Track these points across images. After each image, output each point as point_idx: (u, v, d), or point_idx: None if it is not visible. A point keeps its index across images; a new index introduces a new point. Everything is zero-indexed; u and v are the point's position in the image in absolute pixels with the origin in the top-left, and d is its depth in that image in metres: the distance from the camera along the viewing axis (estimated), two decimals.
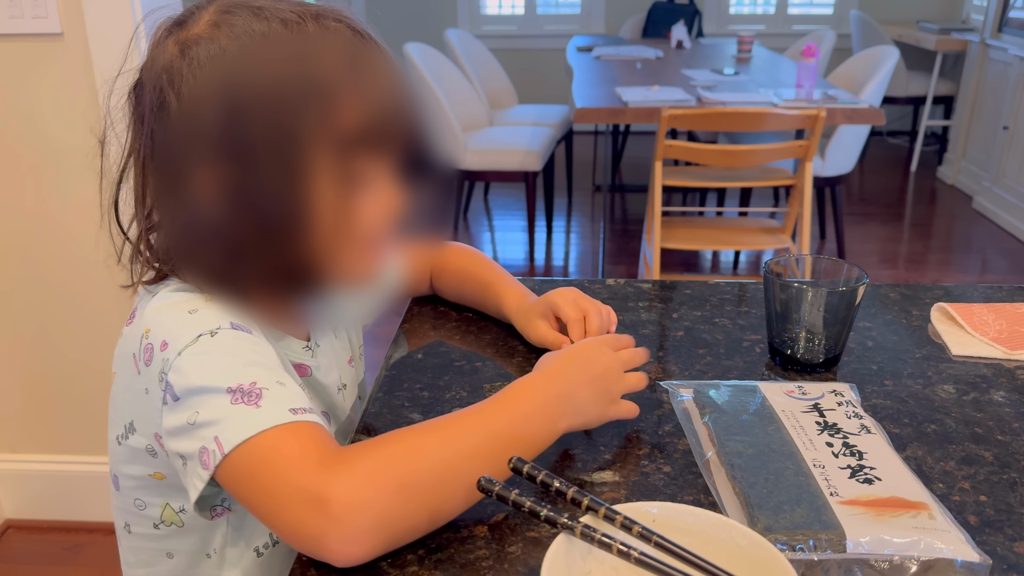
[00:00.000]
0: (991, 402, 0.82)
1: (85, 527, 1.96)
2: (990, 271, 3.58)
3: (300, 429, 0.61)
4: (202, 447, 0.62)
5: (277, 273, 0.71)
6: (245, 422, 0.61)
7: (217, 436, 0.61)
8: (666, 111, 2.50)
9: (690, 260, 3.62)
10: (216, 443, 0.61)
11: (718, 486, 0.68)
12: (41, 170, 1.69)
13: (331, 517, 0.57)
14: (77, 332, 1.82)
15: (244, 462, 0.61)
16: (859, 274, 0.87)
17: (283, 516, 0.59)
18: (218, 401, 0.62)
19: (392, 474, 0.60)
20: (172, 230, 0.70)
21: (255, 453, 0.60)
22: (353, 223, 0.70)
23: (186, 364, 0.64)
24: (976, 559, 0.58)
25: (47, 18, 1.57)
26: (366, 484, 0.59)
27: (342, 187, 0.68)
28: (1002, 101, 4.16)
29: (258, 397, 0.62)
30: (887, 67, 3.26)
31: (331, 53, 0.66)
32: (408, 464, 0.61)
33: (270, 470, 0.60)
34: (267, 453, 0.60)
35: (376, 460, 0.60)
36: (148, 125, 0.68)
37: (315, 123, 0.65)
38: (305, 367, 0.80)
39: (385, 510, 0.59)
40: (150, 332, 0.68)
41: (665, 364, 0.90)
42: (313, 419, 0.63)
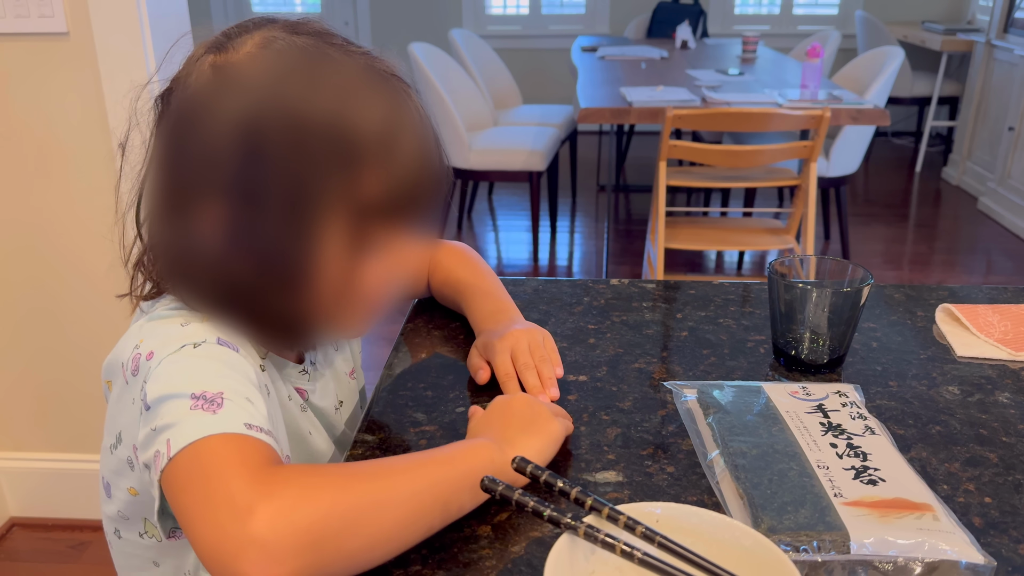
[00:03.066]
0: (996, 403, 0.82)
1: (89, 525, 1.97)
2: (995, 272, 3.57)
3: (248, 443, 0.58)
4: (156, 451, 0.59)
5: (266, 321, 0.69)
6: (195, 426, 0.58)
7: (169, 439, 0.58)
8: (670, 111, 2.50)
9: (694, 260, 3.62)
10: (167, 446, 0.58)
11: (722, 487, 0.68)
12: (46, 170, 1.70)
13: (251, 533, 0.52)
14: (82, 330, 1.82)
15: (184, 466, 0.57)
16: (864, 275, 0.86)
17: (204, 526, 0.54)
18: (179, 405, 0.59)
19: (323, 497, 0.55)
20: (170, 251, 0.68)
21: (196, 456, 0.57)
22: (357, 286, 0.68)
23: (162, 372, 0.62)
24: (981, 561, 0.58)
25: (53, 17, 1.58)
26: (295, 505, 0.54)
27: (352, 251, 0.65)
28: (1007, 102, 4.15)
29: (218, 406, 0.59)
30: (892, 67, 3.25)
31: (372, 115, 0.63)
32: (342, 489, 0.56)
33: (203, 476, 0.56)
34: (206, 458, 0.57)
35: (310, 480, 0.56)
36: (167, 141, 0.66)
37: (337, 184, 0.62)
38: (303, 391, 0.79)
39: (312, 534, 0.53)
40: (142, 343, 0.66)
41: (669, 364, 0.90)
42: (266, 440, 0.59)
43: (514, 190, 4.55)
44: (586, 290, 1.08)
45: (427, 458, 0.63)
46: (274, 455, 0.59)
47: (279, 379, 0.76)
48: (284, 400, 0.76)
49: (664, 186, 2.60)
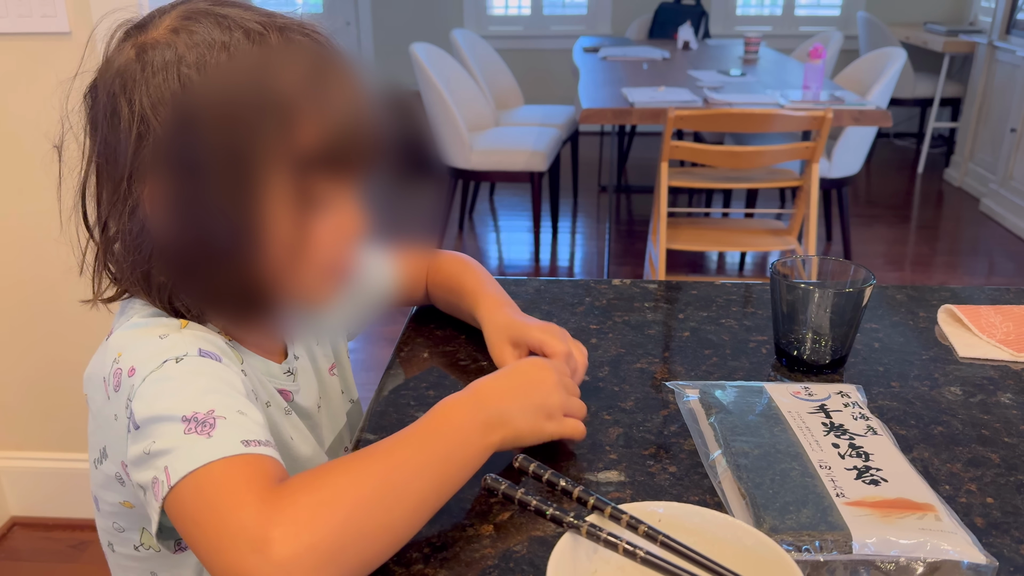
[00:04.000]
0: (998, 404, 0.82)
1: (90, 524, 1.96)
2: (997, 273, 3.57)
3: (249, 462, 0.58)
4: (154, 477, 0.59)
5: (225, 294, 0.68)
6: (193, 453, 0.57)
7: (167, 466, 0.58)
8: (672, 112, 2.50)
9: (696, 261, 3.62)
10: (165, 473, 0.58)
11: (724, 486, 0.68)
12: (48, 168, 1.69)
13: (273, 563, 0.53)
14: (82, 330, 1.82)
15: (188, 496, 0.57)
16: (866, 275, 0.86)
17: (222, 559, 0.55)
18: (172, 430, 0.59)
19: (337, 508, 0.56)
20: (123, 240, 0.67)
21: (199, 486, 0.57)
22: (309, 246, 0.67)
23: (147, 391, 0.62)
24: (983, 561, 0.58)
25: (55, 17, 1.58)
26: (310, 523, 0.54)
27: (298, 208, 0.65)
28: (1010, 103, 4.15)
29: (211, 427, 0.59)
30: (894, 69, 3.25)
31: (293, 68, 0.64)
32: (352, 495, 0.57)
33: (211, 508, 0.56)
34: (210, 488, 0.57)
35: (319, 494, 0.56)
36: (101, 131, 0.66)
37: (271, 140, 0.62)
38: (288, 392, 0.78)
39: (331, 548, 0.55)
40: (121, 356, 0.65)
41: (671, 365, 0.90)
42: (265, 452, 0.59)
43: (515, 190, 4.55)
44: (588, 290, 1.08)
45: (422, 452, 0.63)
46: (276, 468, 0.59)
47: (260, 385, 0.75)
48: (263, 406, 0.74)
49: (666, 187, 2.60)
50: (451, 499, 0.67)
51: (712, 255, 3.69)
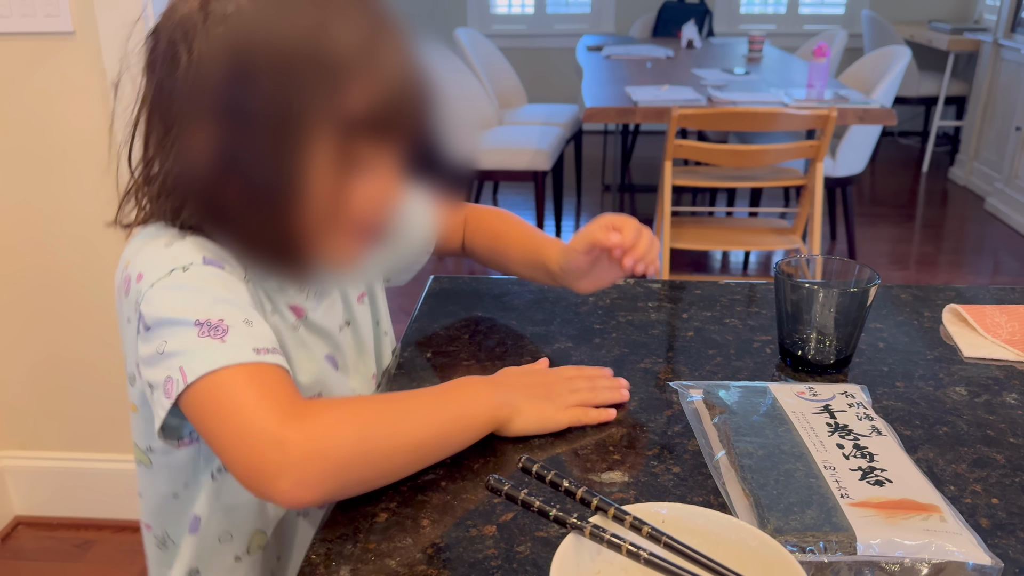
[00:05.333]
0: (1003, 404, 0.82)
1: (94, 524, 1.97)
2: (1002, 273, 3.56)
3: (263, 371, 0.63)
4: (167, 376, 0.63)
5: (257, 244, 0.70)
6: (209, 355, 0.62)
7: (182, 366, 0.63)
8: (676, 111, 2.50)
9: (700, 260, 3.61)
10: (180, 372, 0.62)
11: (728, 487, 0.68)
12: (51, 168, 1.70)
13: (289, 459, 0.60)
14: (86, 329, 1.83)
15: (206, 394, 0.62)
16: (870, 275, 0.86)
17: (240, 450, 0.61)
18: (185, 333, 0.63)
19: (350, 428, 0.63)
20: (165, 179, 0.70)
21: (217, 387, 0.62)
22: (344, 207, 0.69)
23: (157, 296, 0.66)
24: (988, 562, 0.58)
25: (59, 16, 1.58)
26: (326, 434, 0.62)
27: (339, 168, 0.67)
28: (1015, 102, 4.13)
29: (224, 332, 0.63)
30: (899, 67, 3.25)
31: (349, 30, 0.65)
32: (365, 421, 0.65)
33: (231, 406, 0.62)
34: (229, 389, 0.62)
35: (338, 414, 0.64)
36: (158, 75, 0.68)
37: (321, 99, 0.64)
38: (300, 309, 0.79)
39: (341, 461, 0.62)
40: (129, 264, 0.70)
41: (675, 364, 0.90)
42: (276, 360, 0.65)
43: (519, 189, 4.54)
44: None
45: (435, 404, 0.71)
46: (286, 378, 0.65)
47: (267, 295, 0.76)
48: (269, 314, 0.76)
49: (669, 186, 2.60)
50: (454, 500, 0.67)
51: (716, 254, 3.69)
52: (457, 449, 0.72)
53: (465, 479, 0.70)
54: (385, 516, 0.66)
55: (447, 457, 0.71)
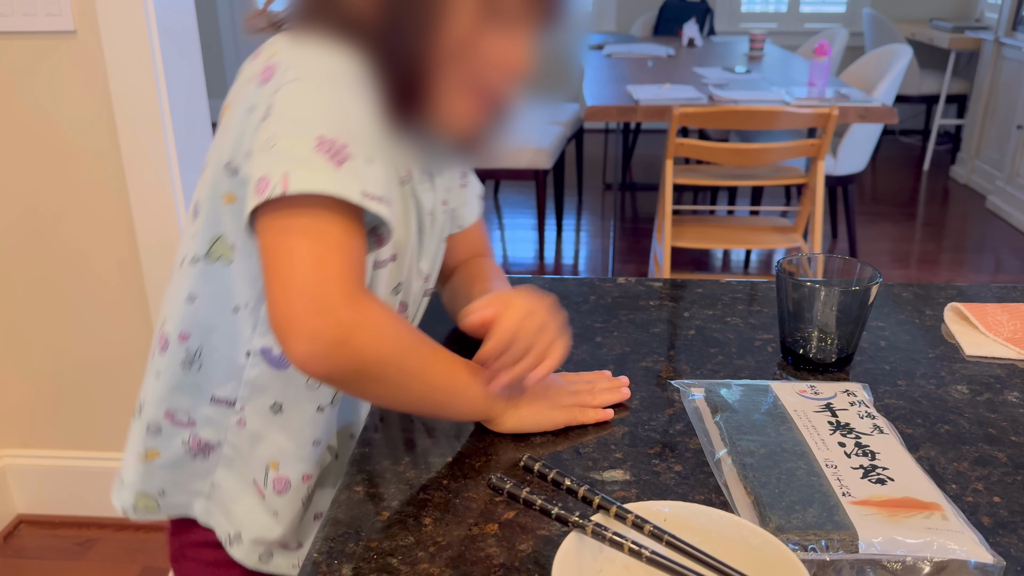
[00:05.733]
0: (1005, 403, 0.82)
1: (96, 522, 1.97)
2: (1003, 271, 3.56)
3: (356, 224, 0.63)
4: (266, 174, 0.61)
5: (391, 61, 0.68)
6: (318, 175, 0.60)
7: (287, 173, 0.60)
8: (677, 109, 2.50)
9: (701, 259, 3.61)
10: (284, 179, 0.60)
11: (730, 486, 0.68)
12: (53, 167, 1.70)
13: (323, 334, 0.60)
14: (88, 328, 1.83)
15: (293, 212, 0.61)
16: (872, 273, 0.86)
17: (287, 289, 0.60)
18: (304, 141, 0.61)
19: (389, 343, 0.65)
20: None
21: (308, 212, 0.61)
22: (475, 53, 0.69)
23: (295, 93, 0.64)
24: (990, 560, 0.58)
25: (60, 16, 1.58)
26: (367, 332, 0.62)
27: (482, 12, 0.67)
28: (1016, 100, 4.13)
29: (343, 159, 0.61)
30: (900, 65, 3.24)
31: None
32: (402, 344, 0.66)
33: (307, 244, 0.61)
34: (316, 222, 0.61)
35: (386, 321, 0.65)
36: None
37: None
38: (409, 172, 0.77)
39: (363, 364, 0.63)
40: (277, 55, 0.67)
41: (676, 363, 0.90)
42: (380, 211, 0.63)
43: (520, 188, 4.54)
44: (592, 288, 1.08)
45: (454, 366, 0.72)
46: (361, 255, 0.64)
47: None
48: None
49: (671, 184, 2.60)
50: (456, 498, 0.67)
51: (717, 253, 3.68)
52: (446, 416, 0.76)
53: (467, 478, 0.70)
54: (387, 514, 0.66)
55: (433, 418, 0.75)
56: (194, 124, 1.76)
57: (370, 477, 0.71)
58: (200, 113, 1.79)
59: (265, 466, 0.80)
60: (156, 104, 1.63)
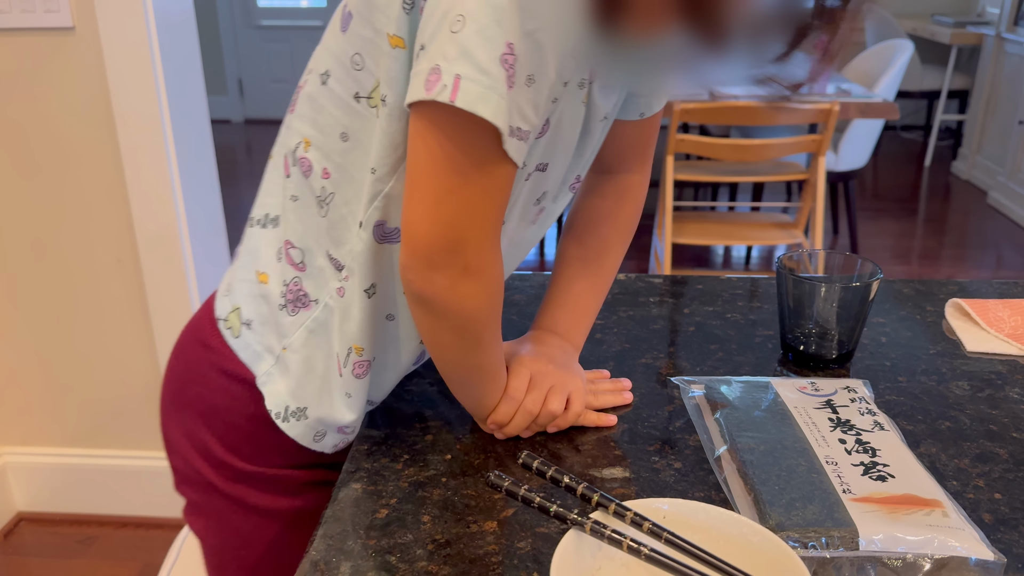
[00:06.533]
0: (1006, 399, 0.81)
1: (96, 520, 1.98)
2: (1005, 267, 3.56)
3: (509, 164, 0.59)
4: (440, 66, 0.56)
5: None
6: (491, 93, 0.55)
7: (459, 77, 0.55)
8: (678, 105, 2.49)
9: (701, 255, 3.61)
10: (455, 84, 0.55)
11: (729, 483, 0.68)
12: (52, 164, 1.70)
13: (444, 265, 0.61)
14: (88, 326, 1.83)
15: (457, 123, 0.57)
16: (873, 269, 0.86)
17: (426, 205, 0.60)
18: (494, 42, 0.55)
19: (490, 305, 0.66)
20: None
21: (471, 130, 0.57)
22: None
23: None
24: (991, 557, 0.58)
25: (59, 12, 1.58)
26: (480, 286, 0.63)
27: None
28: (1018, 95, 4.12)
29: (513, 81, 0.56)
30: (901, 61, 3.24)
31: None
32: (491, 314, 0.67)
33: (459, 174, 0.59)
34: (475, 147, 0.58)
35: (496, 285, 0.65)
36: None
37: None
38: (594, 74, 0.68)
39: (461, 308, 0.64)
40: None
41: (676, 360, 0.89)
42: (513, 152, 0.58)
43: None
44: None
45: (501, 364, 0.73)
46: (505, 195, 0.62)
47: None
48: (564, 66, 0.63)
49: (671, 180, 2.59)
50: (455, 496, 0.67)
51: (718, 249, 3.68)
52: (466, 394, 0.74)
53: (466, 475, 0.70)
54: (386, 512, 0.66)
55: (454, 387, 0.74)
56: (193, 121, 1.76)
57: (369, 475, 0.70)
58: (199, 110, 1.79)
59: (349, 347, 0.73)
60: (155, 101, 1.63)
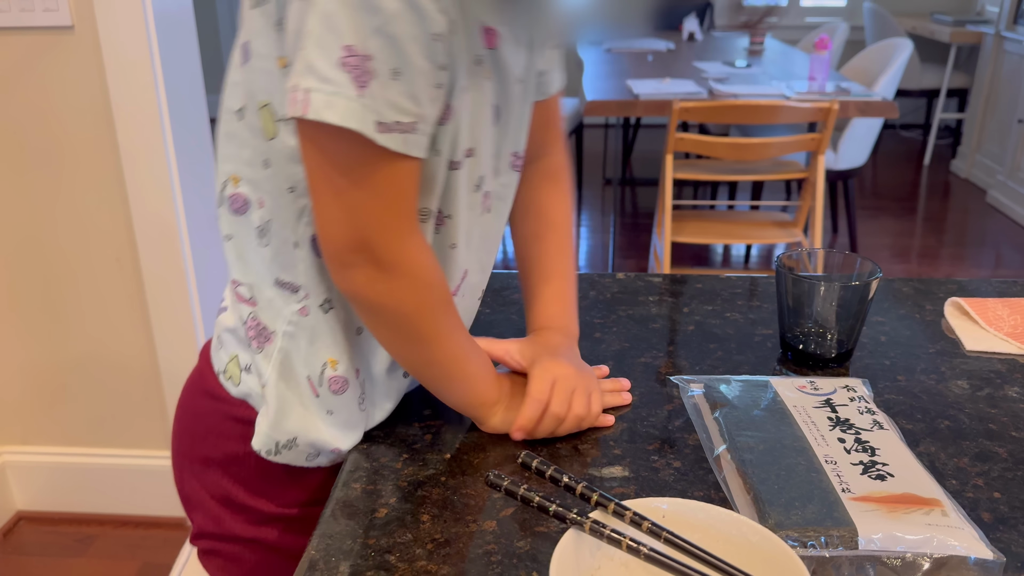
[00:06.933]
0: (1005, 398, 0.81)
1: (96, 519, 1.97)
2: (1004, 266, 3.56)
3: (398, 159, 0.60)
4: (296, 83, 0.57)
5: None
6: (337, 102, 0.56)
7: (309, 91, 0.56)
8: (677, 104, 2.49)
9: (701, 254, 3.61)
10: (305, 98, 0.57)
11: (729, 482, 0.68)
12: (52, 162, 1.70)
13: (356, 265, 0.63)
14: (87, 324, 1.83)
15: (325, 134, 0.59)
16: (872, 268, 0.86)
17: (325, 213, 0.61)
18: (330, 51, 0.56)
19: (416, 297, 0.66)
20: None
21: (339, 137, 0.58)
22: None
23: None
24: (990, 556, 0.58)
25: (57, 11, 1.57)
26: (398, 280, 0.64)
27: None
28: (1017, 94, 4.12)
29: (365, 80, 0.56)
30: (901, 59, 3.23)
31: None
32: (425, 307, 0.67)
33: (343, 178, 0.60)
34: (349, 153, 0.59)
35: (419, 276, 0.65)
36: None
37: None
38: (495, 33, 0.67)
39: (386, 304, 0.65)
40: None
41: (676, 359, 0.89)
42: (391, 144, 0.58)
43: None
44: (592, 284, 1.08)
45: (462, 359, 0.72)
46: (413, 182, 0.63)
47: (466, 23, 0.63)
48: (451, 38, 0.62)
49: (671, 179, 2.59)
50: (454, 495, 0.67)
51: (717, 248, 3.68)
52: (439, 396, 0.75)
53: (465, 474, 0.70)
54: (385, 512, 0.66)
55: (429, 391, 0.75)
56: (192, 120, 1.75)
57: (368, 474, 0.70)
58: (198, 109, 1.78)
59: (323, 362, 0.72)
60: (154, 100, 1.63)
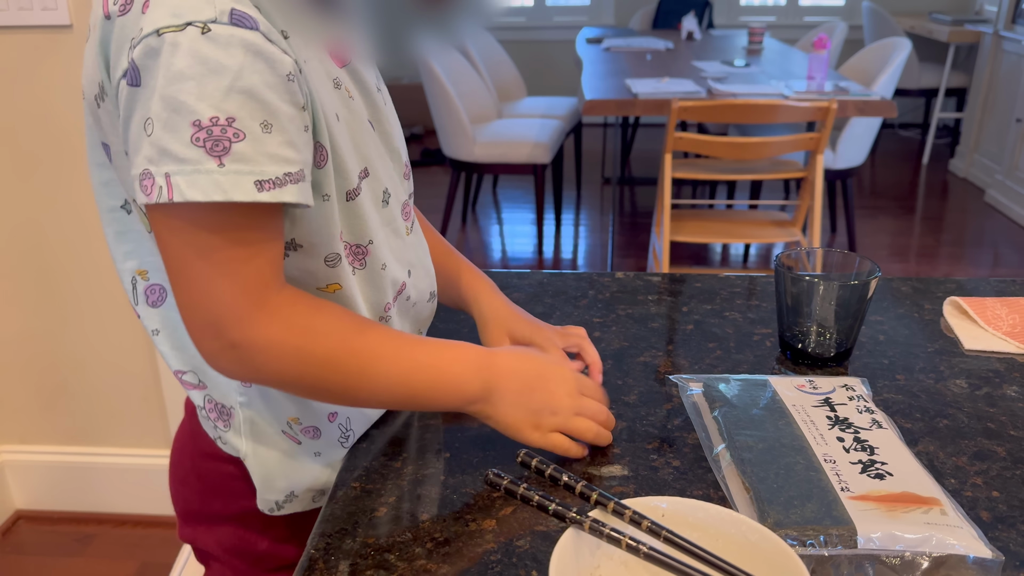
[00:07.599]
0: (1004, 397, 0.81)
1: (95, 518, 1.97)
2: (1002, 265, 3.56)
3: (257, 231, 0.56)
4: (149, 170, 0.53)
5: None
6: (202, 179, 0.52)
7: (169, 175, 0.52)
8: (676, 103, 2.49)
9: (700, 253, 3.61)
10: (166, 182, 0.52)
11: (728, 481, 0.68)
12: (51, 162, 1.70)
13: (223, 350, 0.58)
14: (86, 324, 1.82)
15: (181, 218, 0.54)
16: (871, 267, 0.86)
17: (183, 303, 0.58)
18: (180, 129, 0.52)
19: (303, 351, 0.60)
20: None
21: (198, 218, 0.54)
22: None
23: (159, 54, 0.52)
24: (988, 555, 0.58)
25: (56, 10, 1.57)
26: (267, 349, 0.59)
27: None
28: (1015, 93, 4.12)
29: (227, 146, 0.52)
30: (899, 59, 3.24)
31: None
32: (337, 344, 0.62)
33: (199, 262, 0.55)
34: (208, 235, 0.55)
35: (305, 329, 0.60)
36: None
37: None
38: (342, 53, 0.67)
39: (284, 376, 0.61)
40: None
41: (675, 358, 0.89)
42: (279, 198, 0.54)
43: (519, 183, 4.53)
44: (591, 283, 1.08)
45: (417, 363, 0.66)
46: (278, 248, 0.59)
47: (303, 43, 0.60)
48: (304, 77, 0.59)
49: (669, 178, 2.59)
50: (454, 494, 0.67)
51: (716, 247, 3.68)
52: (419, 409, 0.72)
53: (464, 473, 0.70)
54: (384, 511, 0.66)
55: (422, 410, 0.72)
56: None
57: (367, 473, 0.70)
58: None
59: (286, 421, 0.73)
60: None
